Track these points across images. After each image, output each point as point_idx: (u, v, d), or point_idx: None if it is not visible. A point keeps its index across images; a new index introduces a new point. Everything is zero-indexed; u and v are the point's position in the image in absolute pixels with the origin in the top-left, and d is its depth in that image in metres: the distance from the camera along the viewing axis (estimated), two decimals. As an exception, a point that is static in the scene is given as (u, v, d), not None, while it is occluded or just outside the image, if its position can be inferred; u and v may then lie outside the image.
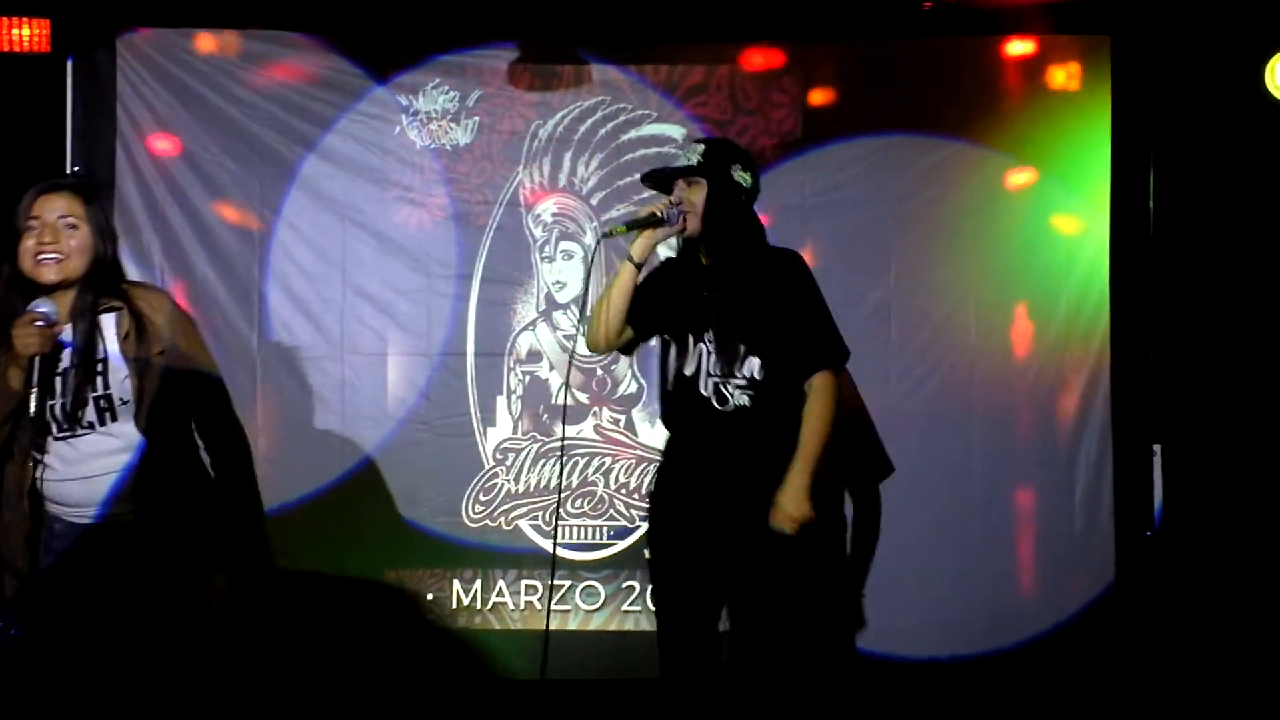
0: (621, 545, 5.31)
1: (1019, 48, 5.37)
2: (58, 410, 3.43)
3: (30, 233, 3.46)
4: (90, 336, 3.43)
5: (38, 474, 3.43)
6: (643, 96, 5.40)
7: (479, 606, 5.32)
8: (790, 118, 5.40)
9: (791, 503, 3.85)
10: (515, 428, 5.34)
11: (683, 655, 4.00)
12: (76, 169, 5.29)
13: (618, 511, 5.32)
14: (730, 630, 3.98)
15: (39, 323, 3.34)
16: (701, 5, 5.32)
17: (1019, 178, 5.36)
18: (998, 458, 5.31)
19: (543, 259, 5.39)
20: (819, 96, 5.41)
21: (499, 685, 5.19)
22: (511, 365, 5.35)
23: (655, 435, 5.29)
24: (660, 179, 4.09)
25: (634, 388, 5.36)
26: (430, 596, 5.30)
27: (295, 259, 5.31)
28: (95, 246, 3.51)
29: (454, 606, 5.30)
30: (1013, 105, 5.35)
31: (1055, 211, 5.35)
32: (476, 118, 5.38)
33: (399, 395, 5.33)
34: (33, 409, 3.34)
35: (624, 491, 5.32)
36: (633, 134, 5.37)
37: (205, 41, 5.32)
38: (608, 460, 5.32)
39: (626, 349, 4.22)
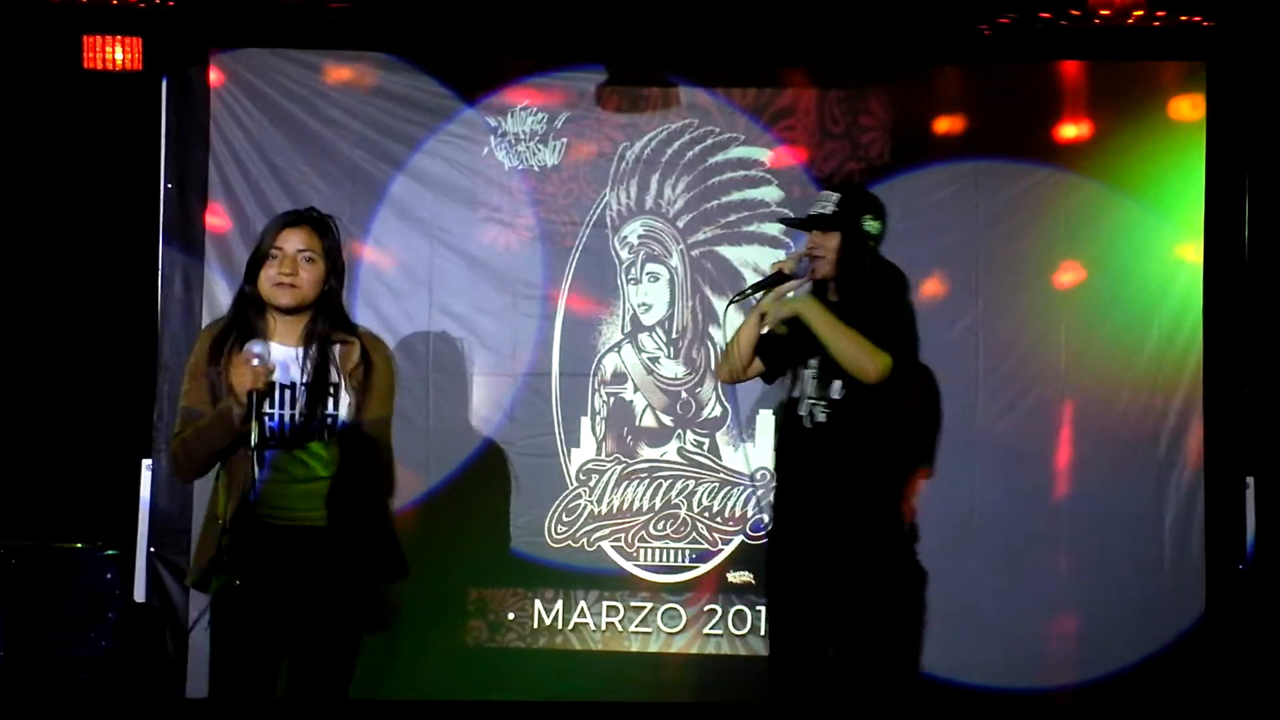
0: (703, 569, 5.31)
1: (1112, 73, 5.33)
2: (273, 424, 3.61)
3: (272, 261, 3.64)
4: (323, 360, 3.64)
5: (253, 476, 3.58)
6: (730, 119, 5.41)
7: (560, 626, 5.34)
8: (878, 142, 5.39)
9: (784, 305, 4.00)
10: (599, 449, 5.36)
11: (792, 677, 4.05)
12: (170, 186, 5.39)
13: (700, 535, 5.32)
14: (834, 650, 4.00)
15: (255, 361, 3.52)
16: (786, 32, 5.32)
17: (1111, 205, 5.30)
18: (1086, 486, 5.26)
19: (629, 281, 5.41)
20: (906, 121, 5.39)
21: (577, 707, 5.22)
22: (596, 386, 5.37)
23: (738, 459, 5.30)
24: (796, 224, 4.25)
25: (718, 411, 5.36)
26: (512, 616, 5.33)
27: (383, 279, 5.37)
28: (328, 279, 3.69)
29: (535, 626, 5.33)
30: (1105, 131, 5.31)
31: (1148, 239, 5.30)
32: (564, 139, 5.41)
33: (484, 415, 5.37)
34: (254, 439, 3.52)
35: (706, 515, 5.32)
36: (720, 157, 5.38)
37: (297, 61, 5.39)
38: (691, 483, 5.32)
39: (764, 378, 4.26)
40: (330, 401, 3.62)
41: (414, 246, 5.39)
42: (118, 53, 5.33)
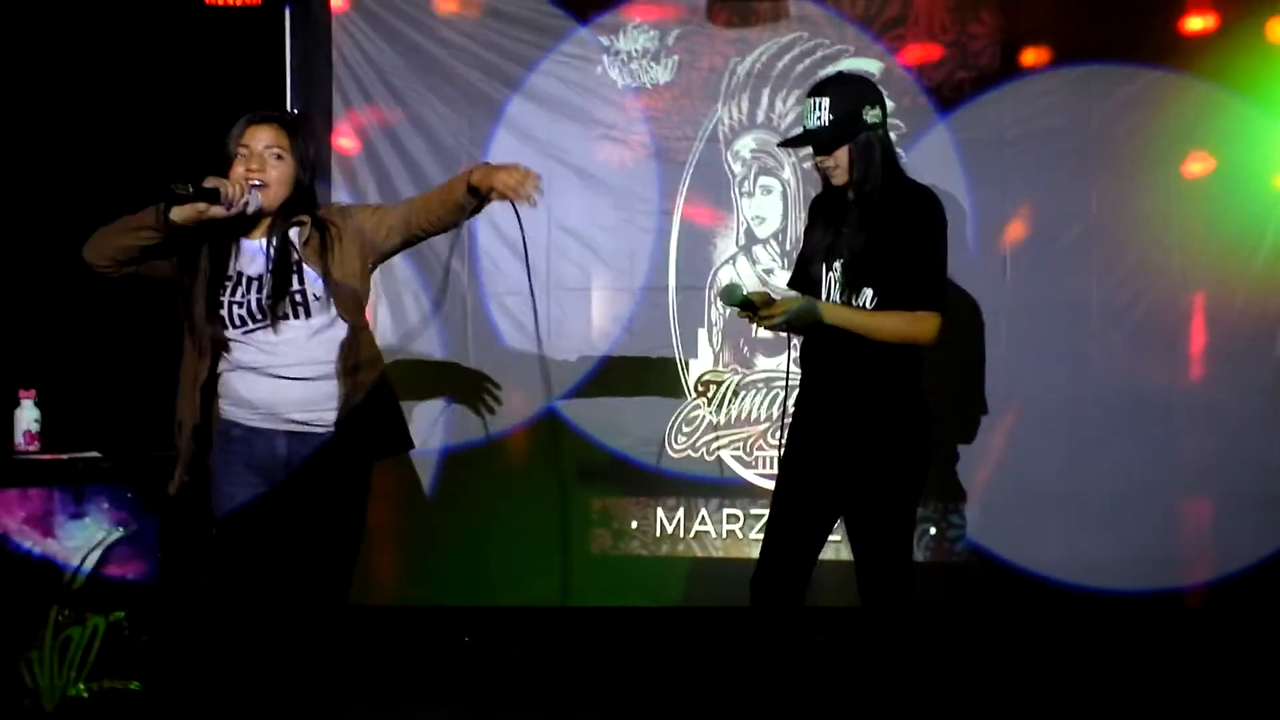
0: (821, 475, 5.41)
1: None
2: (249, 308, 3.74)
3: (240, 160, 3.76)
4: (284, 246, 3.75)
5: (219, 368, 3.78)
6: (840, 31, 5.42)
7: (682, 534, 5.47)
8: (988, 50, 5.37)
9: (791, 309, 3.86)
10: (716, 360, 5.45)
11: (781, 577, 4.06)
12: (295, 112, 5.54)
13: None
14: (855, 557, 4.04)
15: (254, 184, 3.70)
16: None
17: (1226, 106, 5.24)
18: (1201, 391, 5.26)
19: (742, 194, 5.48)
20: (1016, 27, 5.36)
21: (700, 612, 5.36)
22: (713, 299, 5.46)
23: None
24: (798, 143, 4.09)
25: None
26: (635, 524, 5.47)
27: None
28: (297, 177, 3.80)
29: (658, 534, 5.47)
30: (1224, 30, 5.23)
31: (1264, 140, 5.23)
32: (676, 56, 5.47)
33: (603, 329, 5.48)
34: (202, 308, 3.71)
35: (823, 422, 5.41)
36: (831, 69, 5.38)
37: (416, -16, 5.52)
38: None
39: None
40: (295, 279, 3.73)
41: (531, 165, 5.27)
42: (237, -15, 5.49)
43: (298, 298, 3.74)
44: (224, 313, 3.76)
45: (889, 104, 5.21)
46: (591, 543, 5.48)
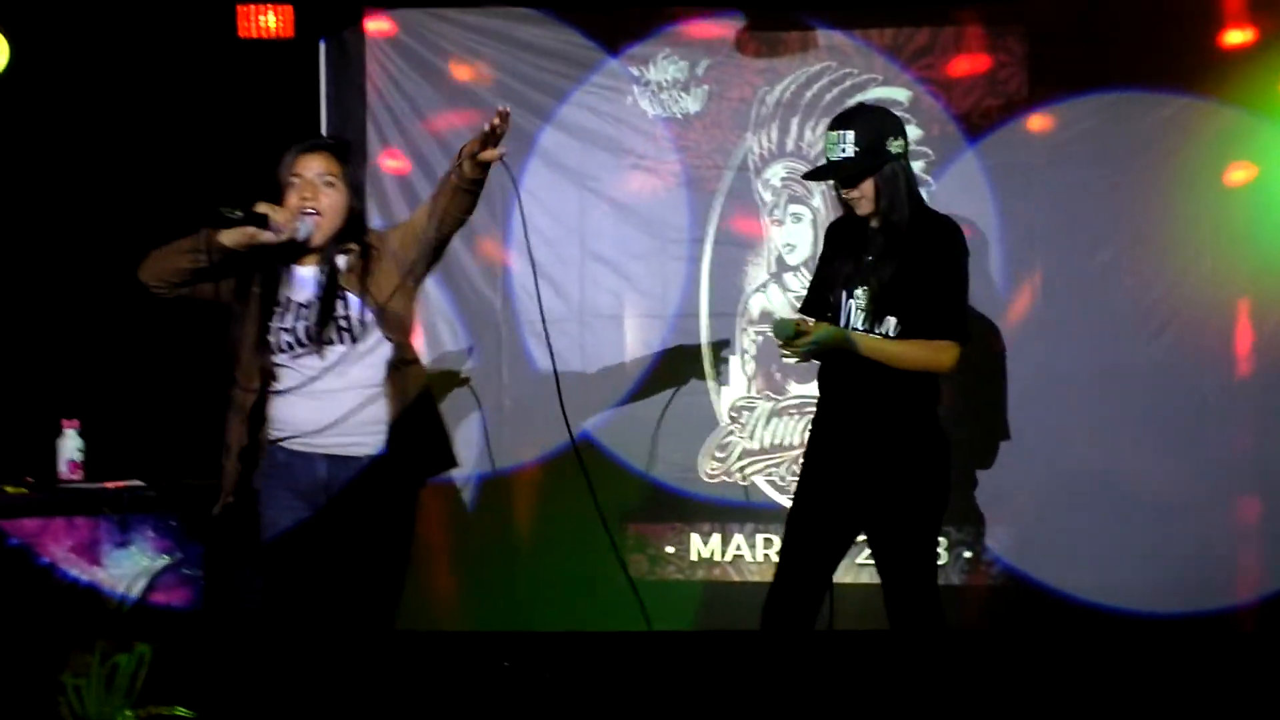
0: (854, 500, 5.44)
1: (1249, -1, 5.32)
2: (296, 335, 3.80)
3: (293, 188, 3.81)
4: (332, 273, 3.81)
5: (266, 392, 3.84)
6: (868, 60, 5.48)
7: (718, 559, 5.51)
8: (1016, 77, 5.43)
9: (823, 333, 3.93)
10: (749, 386, 5.50)
11: (794, 599, 4.12)
12: (344, 139, 5.60)
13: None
14: (882, 583, 4.10)
15: (307, 211, 3.76)
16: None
17: (1249, 126, 5.29)
18: (1232, 412, 5.30)
19: (773, 222, 5.53)
20: (1043, 55, 5.41)
21: (736, 636, 5.37)
22: (744, 326, 5.51)
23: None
24: (821, 177, 4.14)
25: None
26: (670, 549, 5.51)
27: (537, 226, 5.51)
28: (349, 204, 3.86)
29: (694, 559, 5.51)
30: (1243, 58, 5.29)
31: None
32: (706, 86, 5.54)
33: (636, 356, 5.54)
34: (253, 333, 3.78)
35: (856, 447, 5.45)
36: (859, 98, 5.46)
37: (447, 19, 5.57)
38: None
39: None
40: (340, 304, 3.79)
41: (564, 195, 5.56)
42: (270, 20, 5.54)
43: (342, 323, 3.79)
44: (272, 338, 3.82)
45: (917, 132, 5.39)
46: (627, 568, 5.52)
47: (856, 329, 4.02)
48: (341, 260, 3.83)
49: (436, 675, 5.38)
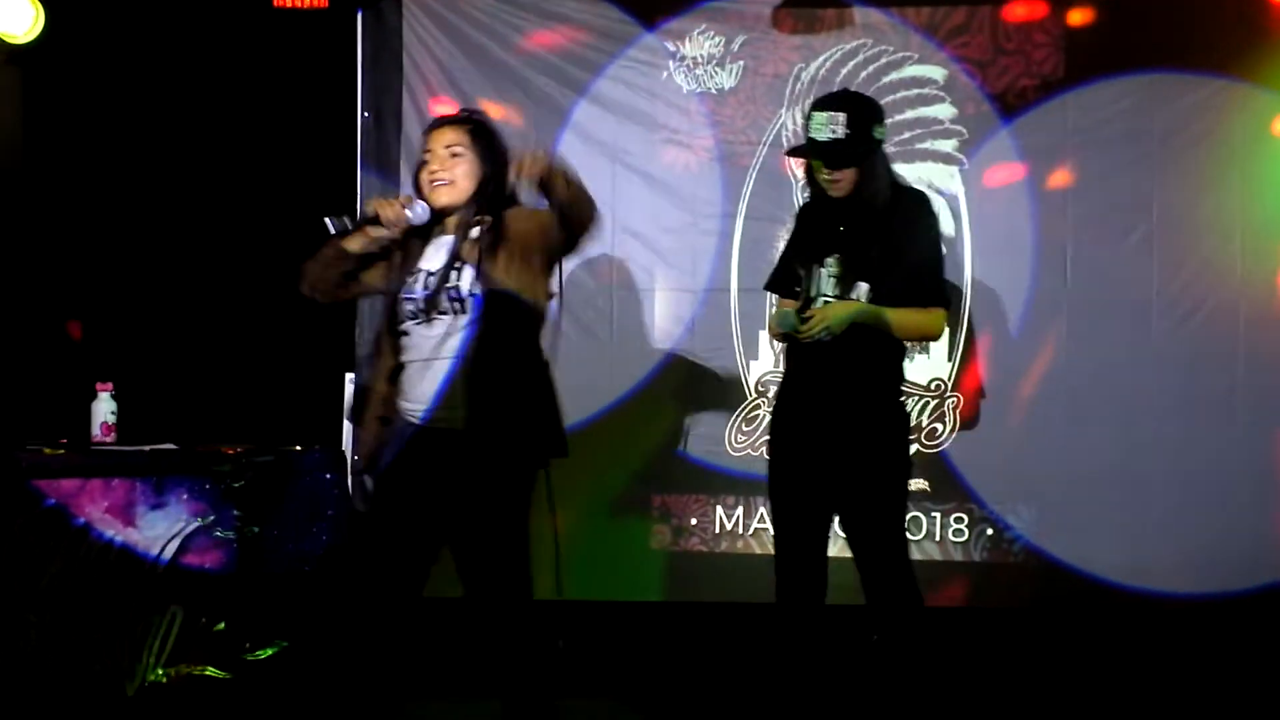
0: (880, 476, 5.47)
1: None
2: (417, 304, 3.83)
3: (424, 165, 3.89)
4: (459, 243, 3.84)
5: (398, 359, 3.87)
6: (904, 38, 5.48)
7: (741, 531, 5.55)
8: (1052, 57, 5.42)
9: (832, 307, 4.01)
10: (777, 361, 5.52)
11: (796, 579, 4.20)
12: (367, 114, 5.66)
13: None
14: (855, 561, 4.15)
15: (403, 205, 3.80)
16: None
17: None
18: (1262, 395, 5.29)
19: (804, 198, 5.54)
20: (1081, 35, 5.41)
21: (758, 608, 5.42)
22: (774, 301, 5.53)
23: (914, 370, 5.40)
24: (812, 154, 4.15)
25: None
26: (694, 521, 5.56)
27: (569, 199, 5.58)
28: (481, 172, 3.87)
29: (717, 531, 5.56)
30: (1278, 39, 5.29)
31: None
32: (741, 61, 5.55)
33: (665, 329, 5.57)
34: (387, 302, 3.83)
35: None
36: (894, 76, 5.46)
37: (495, -8, 5.62)
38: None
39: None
40: (454, 274, 3.80)
41: (597, 168, 5.56)
42: (305, -12, 5.60)
43: (452, 293, 3.81)
44: (399, 307, 3.88)
45: (952, 110, 5.41)
46: (651, 538, 5.58)
47: (826, 295, 4.09)
48: (475, 231, 3.86)
49: (459, 641, 5.44)
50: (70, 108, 5.67)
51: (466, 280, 3.80)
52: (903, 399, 4.22)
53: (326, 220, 3.83)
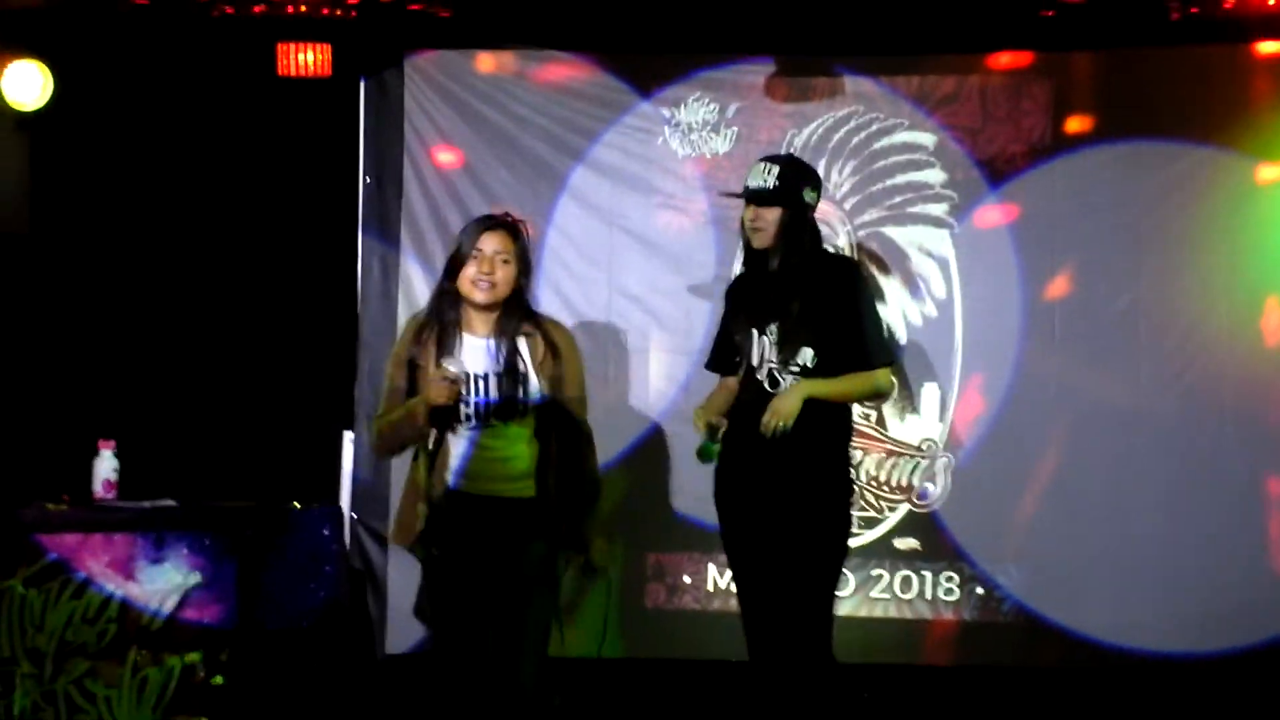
0: (871, 535, 5.52)
1: (1268, 49, 5.42)
2: (475, 408, 4.09)
3: (472, 261, 4.10)
4: (512, 351, 4.12)
5: (450, 454, 4.13)
6: (894, 106, 5.60)
7: (733, 590, 5.55)
8: (1039, 125, 5.54)
9: (781, 400, 4.14)
10: (769, 421, 5.59)
11: (763, 636, 4.30)
12: (369, 180, 5.75)
13: (867, 503, 5.52)
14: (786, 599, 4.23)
15: (446, 380, 4.02)
16: (951, 18, 5.51)
17: (1269, 176, 5.40)
18: (1249, 451, 5.38)
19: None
20: (1068, 104, 5.53)
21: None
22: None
23: (905, 430, 5.51)
24: (738, 195, 4.39)
25: (881, 387, 5.54)
26: (688, 579, 5.60)
27: (565, 262, 5.67)
28: (518, 279, 4.15)
29: (710, 589, 5.59)
30: (1263, 109, 5.40)
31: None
32: (735, 128, 5.66)
33: (660, 389, 5.65)
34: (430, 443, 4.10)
35: (874, 484, 5.53)
36: (885, 142, 5.58)
37: (485, 62, 5.73)
38: (858, 454, 5.48)
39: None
40: (520, 389, 4.09)
41: (593, 232, 5.68)
42: (309, 56, 5.67)
43: (519, 406, 4.09)
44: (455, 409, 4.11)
45: (941, 175, 5.52)
46: (645, 597, 5.62)
47: (773, 361, 4.24)
48: (524, 344, 4.13)
49: (451, 697, 5.47)
50: (77, 172, 5.76)
51: (534, 393, 4.11)
52: (848, 454, 4.37)
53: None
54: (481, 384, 4.10)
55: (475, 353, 4.12)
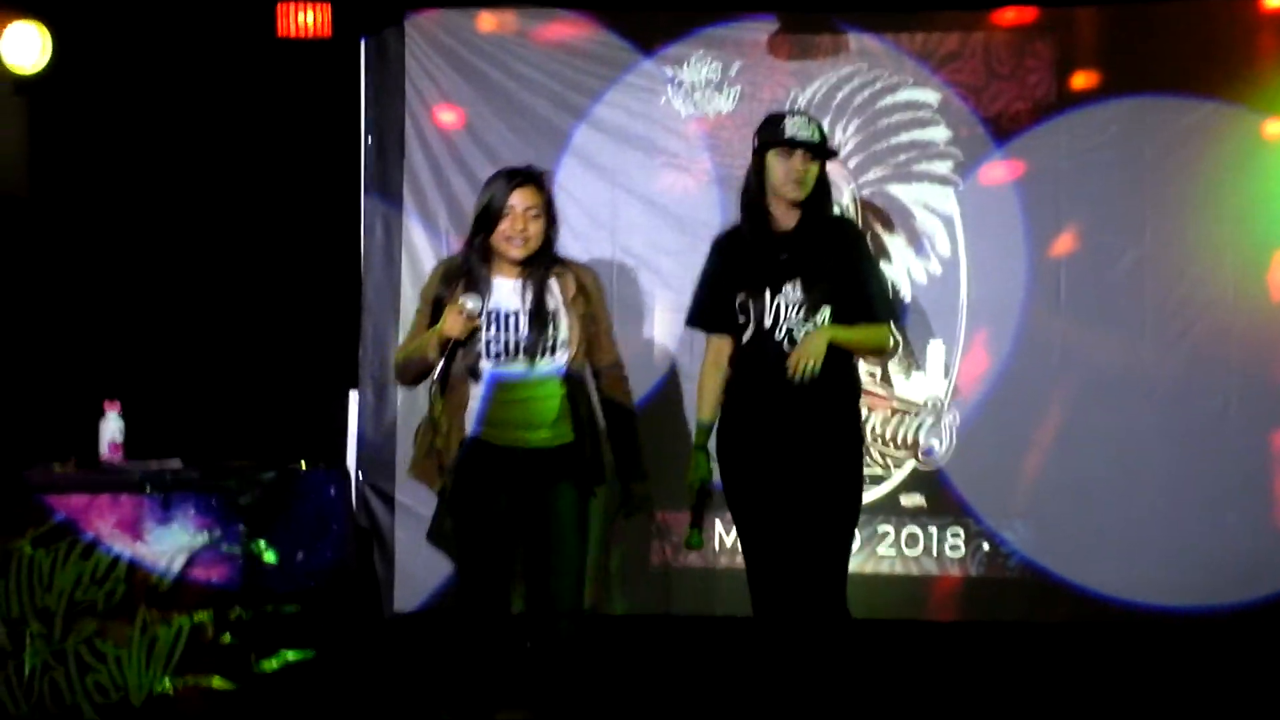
0: (877, 492, 5.52)
1: (1274, 3, 5.40)
2: (505, 345, 4.25)
3: (506, 217, 4.26)
4: (541, 290, 4.30)
5: (468, 394, 4.28)
6: (898, 63, 5.58)
7: (740, 548, 5.57)
8: (1044, 82, 5.53)
9: (808, 342, 4.18)
10: (774, 379, 5.59)
11: (772, 592, 4.32)
12: (370, 140, 5.73)
13: (873, 459, 5.51)
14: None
15: (464, 314, 4.17)
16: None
17: (1275, 130, 5.39)
18: (1255, 404, 5.39)
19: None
20: (1072, 60, 5.52)
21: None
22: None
23: (910, 387, 5.51)
24: (774, 139, 4.36)
25: (889, 342, 5.56)
26: (696, 538, 5.61)
27: (568, 222, 5.55)
28: (548, 231, 4.34)
29: (716, 547, 5.60)
30: (1269, 63, 5.38)
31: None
32: (738, 86, 5.64)
33: (664, 349, 5.65)
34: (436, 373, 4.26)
35: (880, 441, 5.54)
36: (889, 100, 5.57)
37: (486, 20, 5.70)
38: (864, 411, 5.44)
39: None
40: (550, 326, 4.27)
41: (596, 192, 5.67)
42: (309, 17, 5.64)
43: (548, 341, 4.25)
44: (479, 347, 4.25)
45: (946, 133, 5.51)
46: (651, 554, 5.63)
47: (793, 320, 4.26)
48: (556, 283, 4.31)
49: (460, 655, 5.49)
50: (76, 134, 5.75)
51: (566, 328, 4.27)
52: (859, 409, 4.44)
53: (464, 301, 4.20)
54: (511, 320, 4.25)
55: (505, 291, 4.28)
